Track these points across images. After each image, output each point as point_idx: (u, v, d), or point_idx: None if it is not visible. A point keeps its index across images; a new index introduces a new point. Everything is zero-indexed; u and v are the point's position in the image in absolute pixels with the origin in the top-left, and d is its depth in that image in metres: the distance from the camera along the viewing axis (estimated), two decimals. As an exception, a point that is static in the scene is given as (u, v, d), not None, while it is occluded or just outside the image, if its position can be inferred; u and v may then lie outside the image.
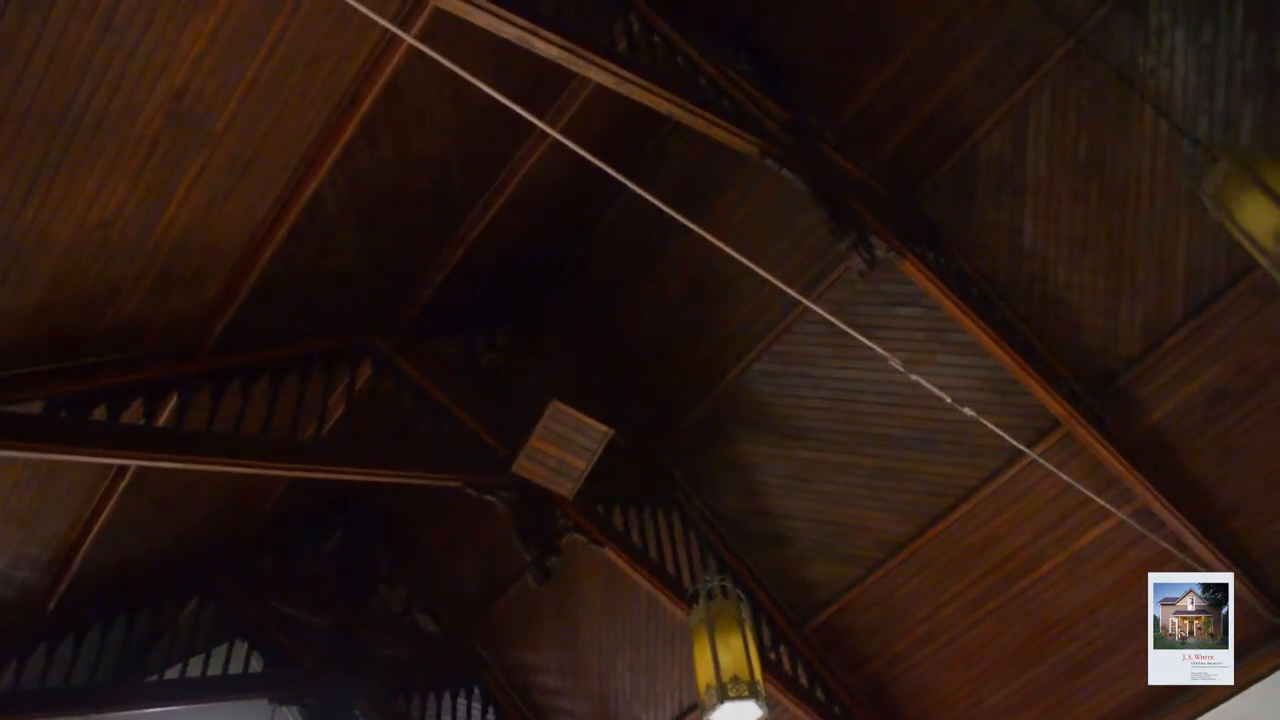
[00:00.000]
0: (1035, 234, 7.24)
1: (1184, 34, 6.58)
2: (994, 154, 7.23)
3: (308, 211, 5.82)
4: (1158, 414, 7.14)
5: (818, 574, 8.37)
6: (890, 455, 7.88)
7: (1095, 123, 6.92)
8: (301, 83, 5.13)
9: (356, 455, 6.71)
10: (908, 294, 7.37)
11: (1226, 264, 6.71)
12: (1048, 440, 7.19)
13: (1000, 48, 7.01)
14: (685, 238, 7.35)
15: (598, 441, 7.12)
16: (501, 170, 6.87)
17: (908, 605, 8.12)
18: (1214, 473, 7.08)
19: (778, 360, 8.10)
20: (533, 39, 4.68)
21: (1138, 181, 6.88)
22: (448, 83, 5.88)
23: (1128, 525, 6.52)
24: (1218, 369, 6.92)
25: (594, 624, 9.23)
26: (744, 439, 8.45)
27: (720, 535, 8.63)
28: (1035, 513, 7.51)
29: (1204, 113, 6.61)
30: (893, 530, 8.02)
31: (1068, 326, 7.27)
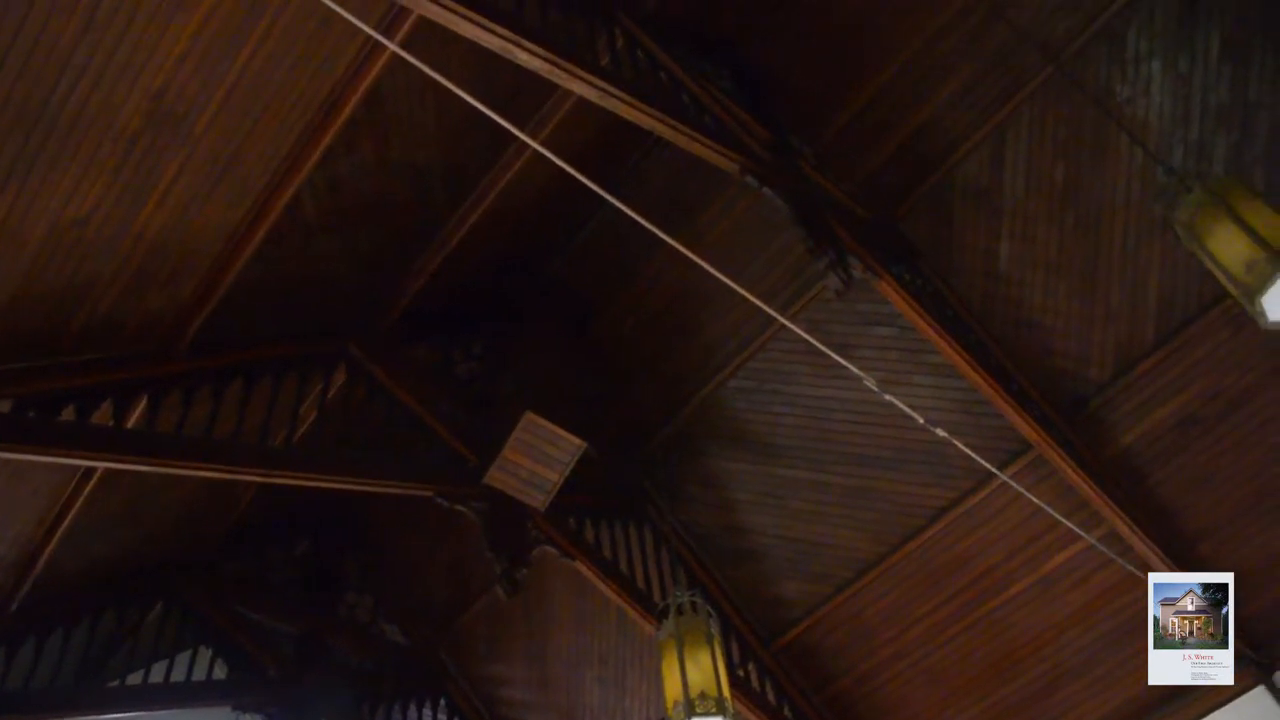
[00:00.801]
0: (1010, 257, 7.30)
1: (1161, 64, 6.68)
2: (971, 177, 7.30)
3: (286, 215, 5.79)
4: (1128, 438, 7.20)
5: (788, 591, 8.38)
6: (862, 474, 7.90)
7: (1072, 149, 7.00)
8: (283, 86, 5.11)
9: (327, 462, 6.67)
10: (883, 314, 7.41)
11: (1198, 292, 6.80)
12: (1019, 462, 7.23)
13: (980, 72, 7.09)
14: (664, 252, 7.36)
15: (571, 454, 7.11)
16: (482, 180, 6.86)
17: (877, 624, 8.13)
18: (1182, 498, 7.15)
19: (753, 377, 8.12)
20: (516, 50, 4.68)
21: (1112, 208, 6.96)
22: (430, 91, 5.88)
23: (1096, 548, 6.56)
24: (1187, 395, 7.00)
25: (563, 637, 9.18)
26: (717, 454, 8.45)
27: (691, 550, 8.62)
28: (1005, 534, 7.55)
29: (1179, 142, 6.70)
30: (863, 549, 8.04)
31: (1040, 350, 7.33)
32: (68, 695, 7.46)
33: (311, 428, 7.10)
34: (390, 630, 9.78)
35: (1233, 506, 7.04)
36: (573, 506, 7.70)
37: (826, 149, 7.46)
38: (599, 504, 8.14)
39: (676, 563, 8.30)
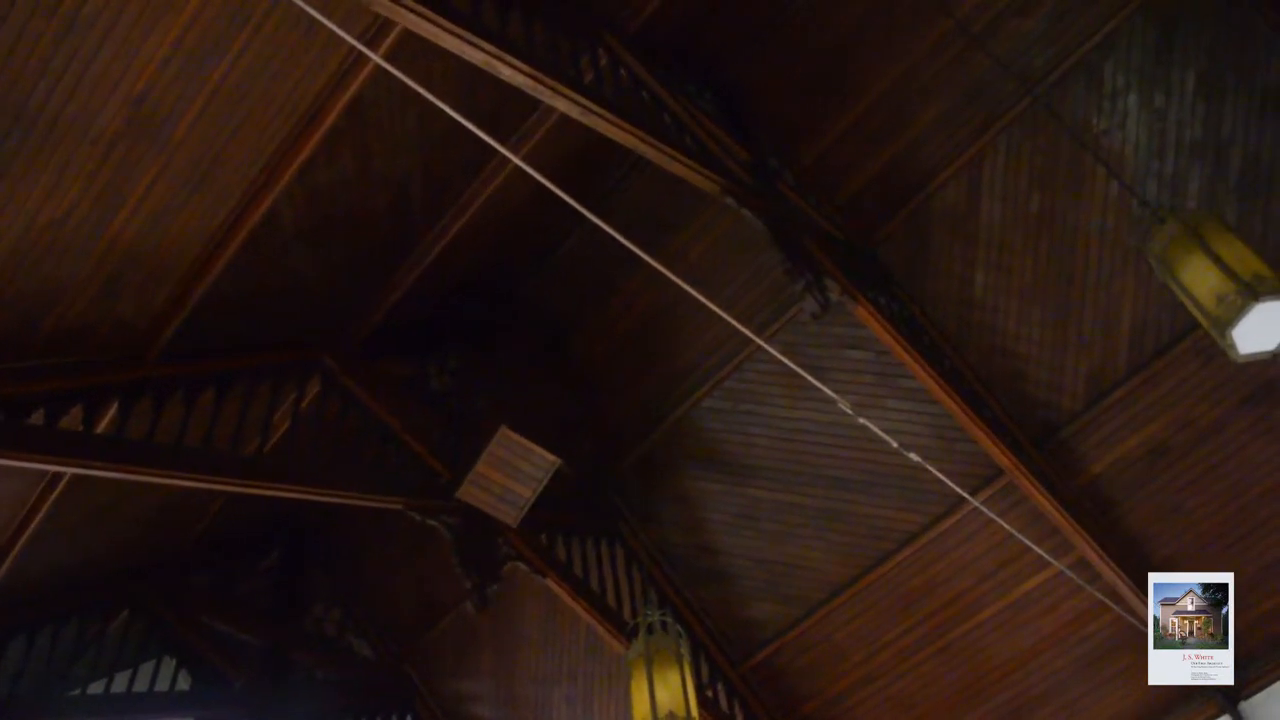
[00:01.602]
0: (986, 285, 7.36)
1: (1137, 98, 6.77)
2: (949, 204, 7.36)
3: (264, 224, 5.76)
4: (1098, 467, 7.26)
5: (758, 612, 8.37)
6: (835, 497, 7.92)
7: (1048, 179, 7.08)
8: (264, 95, 5.10)
9: (298, 473, 6.62)
10: (859, 338, 7.46)
11: (1170, 323, 6.87)
12: (990, 488, 7.27)
13: (959, 101, 7.16)
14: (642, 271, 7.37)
15: (545, 470, 7.08)
16: (462, 194, 6.85)
17: (847, 647, 8.13)
18: (1150, 528, 7.20)
19: (728, 397, 8.14)
20: (500, 65, 4.70)
21: (1087, 238, 7.03)
22: (412, 104, 5.87)
23: (1065, 575, 6.60)
24: (1158, 425, 7.06)
25: (532, 655, 9.13)
26: (691, 474, 8.45)
27: (663, 569, 8.61)
28: (976, 559, 7.58)
29: (1153, 175, 6.79)
30: (835, 571, 8.05)
31: (1014, 377, 7.38)
32: (29, 704, 7.34)
33: (283, 438, 7.05)
34: (357, 644, 9.71)
35: (1200, 537, 7.09)
36: (544, 523, 7.68)
37: (806, 172, 7.51)
38: (571, 521, 8.12)
39: (647, 582, 8.30)
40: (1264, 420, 6.82)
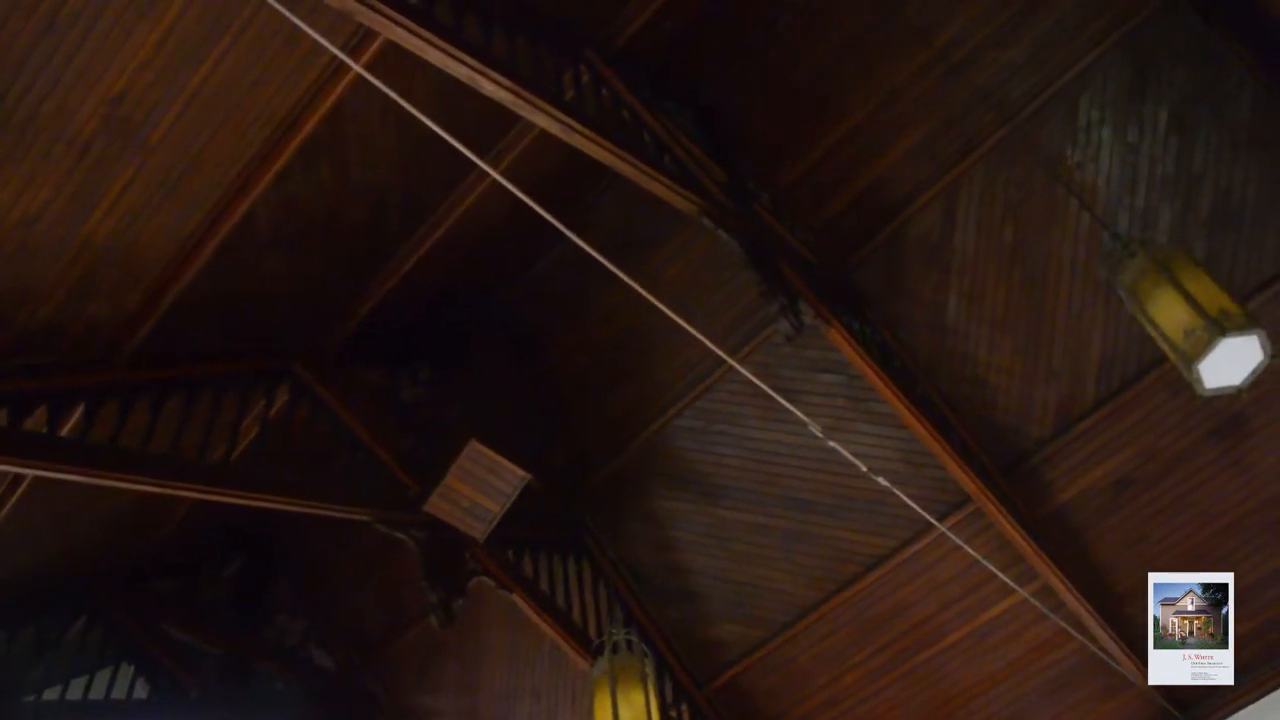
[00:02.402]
0: (958, 312, 7.42)
1: (1111, 132, 6.86)
2: (924, 231, 7.42)
3: (238, 230, 5.72)
4: (1064, 496, 7.31)
5: (724, 633, 8.36)
6: (804, 519, 7.93)
7: (1022, 209, 7.16)
8: (244, 100, 5.08)
9: (265, 481, 6.53)
10: (831, 361, 7.49)
11: (1138, 355, 6.95)
12: (958, 514, 7.30)
13: (937, 129, 7.24)
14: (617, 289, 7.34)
15: (514, 485, 7.05)
16: (439, 206, 6.83)
17: (812, 670, 8.14)
18: (1114, 557, 7.27)
19: (700, 417, 8.15)
20: (482, 80, 4.70)
21: (1059, 269, 7.11)
22: (392, 114, 5.86)
23: (1030, 603, 6.64)
24: (1124, 456, 7.13)
25: (496, 670, 9.08)
26: (661, 493, 8.45)
27: (630, 587, 8.59)
28: (942, 585, 7.61)
29: (1125, 208, 6.88)
30: (801, 594, 8.05)
31: (984, 404, 7.44)
32: (-20, 710, 7.24)
33: (251, 445, 6.99)
34: (319, 655, 9.61)
35: (1163, 568, 7.13)
36: (512, 538, 7.64)
37: (784, 195, 7.55)
38: (539, 537, 8.09)
39: (614, 599, 8.28)
40: (1229, 454, 6.91)
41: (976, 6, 6.95)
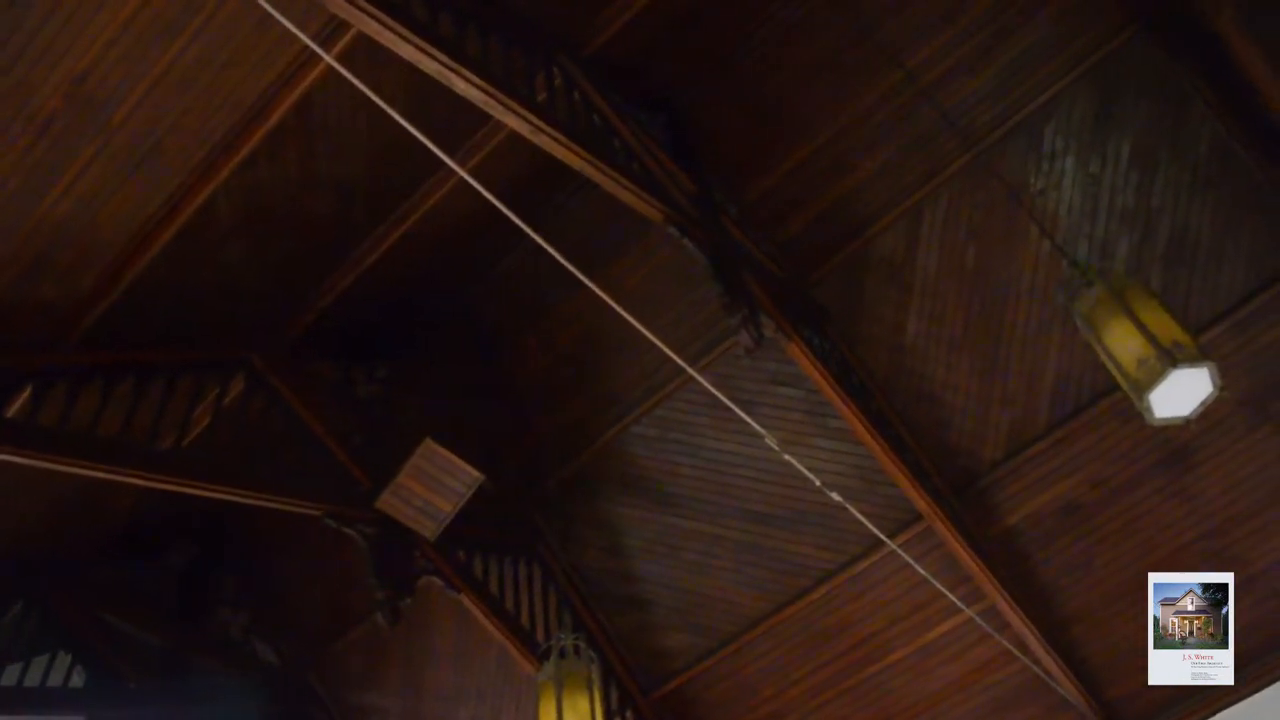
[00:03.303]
0: (917, 332, 7.48)
1: (1074, 162, 6.97)
2: (887, 251, 7.49)
3: (199, 216, 5.65)
4: (1014, 518, 7.40)
5: (672, 642, 8.36)
6: (756, 531, 7.96)
7: (984, 233, 7.24)
8: (211, 85, 5.02)
9: (215, 471, 6.44)
10: (790, 375, 7.52)
11: (1091, 383, 7.05)
12: (908, 532, 7.36)
13: (904, 151, 7.31)
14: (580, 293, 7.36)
15: (467, 485, 7.02)
16: (405, 202, 6.79)
17: (757, 681, 8.16)
18: (1060, 581, 7.36)
19: (657, 425, 8.15)
20: (453, 77, 4.67)
21: (1017, 294, 7.20)
22: (362, 107, 5.82)
23: (976, 623, 6.70)
24: (1073, 482, 7.23)
25: (441, 672, 9.01)
26: (614, 499, 8.44)
27: (579, 592, 8.57)
28: (889, 602, 7.66)
29: (1084, 237, 6.98)
30: (750, 605, 8.07)
31: (938, 424, 7.51)
32: (-90, 693, 7.08)
33: (202, 435, 6.89)
34: (262, 650, 9.49)
35: (1107, 593, 7.26)
36: (463, 539, 7.59)
37: (750, 208, 7.59)
38: (490, 538, 8.04)
39: (563, 604, 8.26)
40: (1174, 483, 7.02)
41: (947, 32, 7.02)
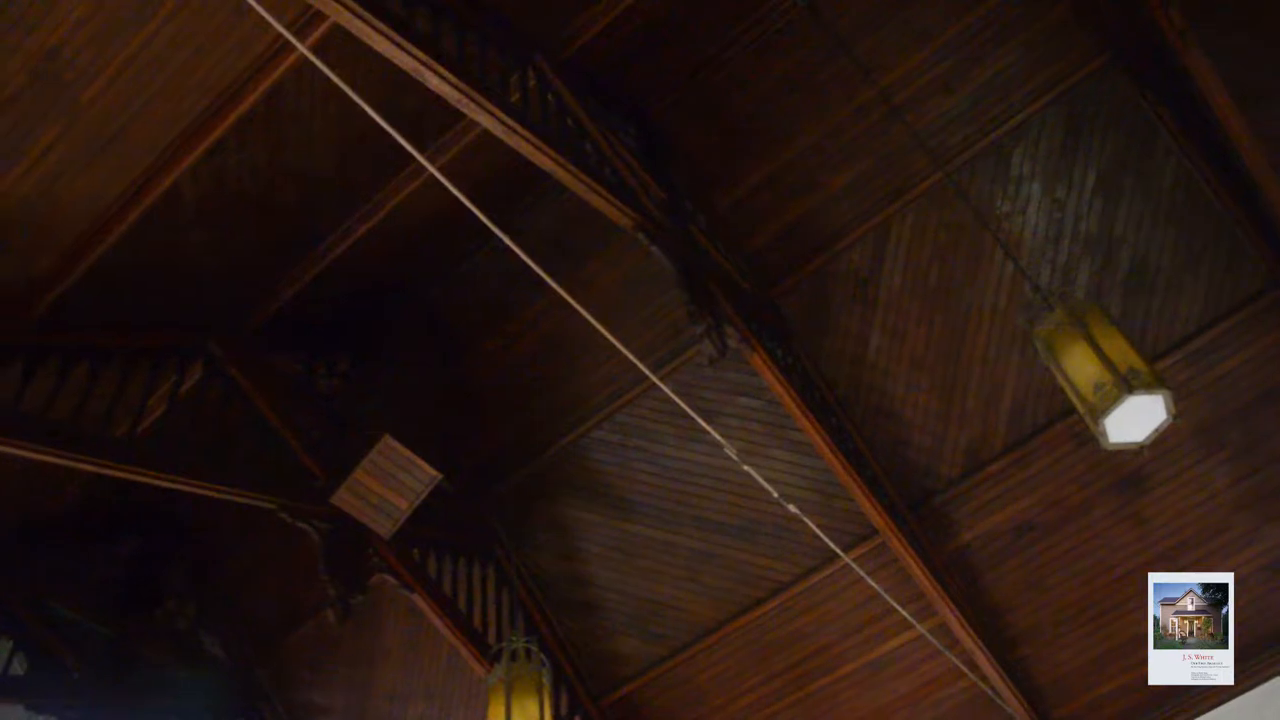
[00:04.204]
0: (880, 348, 7.54)
1: (1040, 187, 7.06)
2: (852, 267, 7.54)
3: (164, 201, 5.58)
4: (968, 536, 7.46)
5: (624, 647, 8.36)
6: (712, 540, 7.97)
7: (949, 254, 7.31)
8: (183, 69, 4.97)
9: (169, 460, 6.36)
10: (752, 386, 7.55)
11: (1048, 405, 7.14)
12: (863, 547, 7.41)
13: (874, 168, 7.36)
14: (546, 296, 7.38)
15: (424, 483, 6.99)
16: (373, 197, 6.75)
17: (708, 690, 8.17)
18: (1011, 600, 7.43)
19: (617, 430, 8.15)
20: (428, 73, 4.65)
21: (979, 315, 7.27)
22: (334, 100, 5.78)
23: (926, 639, 6.74)
24: (1027, 502, 7.31)
25: (390, 670, 8.95)
26: (572, 503, 8.42)
27: (533, 596, 8.54)
28: (842, 615, 7.71)
29: (1047, 261, 7.06)
30: (704, 614, 8.09)
31: (897, 441, 7.56)
32: None
33: (157, 422, 6.80)
34: (209, 642, 9.38)
35: (1057, 613, 7.34)
36: (418, 537, 7.55)
37: (719, 218, 7.61)
38: (446, 538, 8.00)
39: (516, 607, 8.22)
40: (1126, 507, 7.12)
41: (922, 53, 7.09)
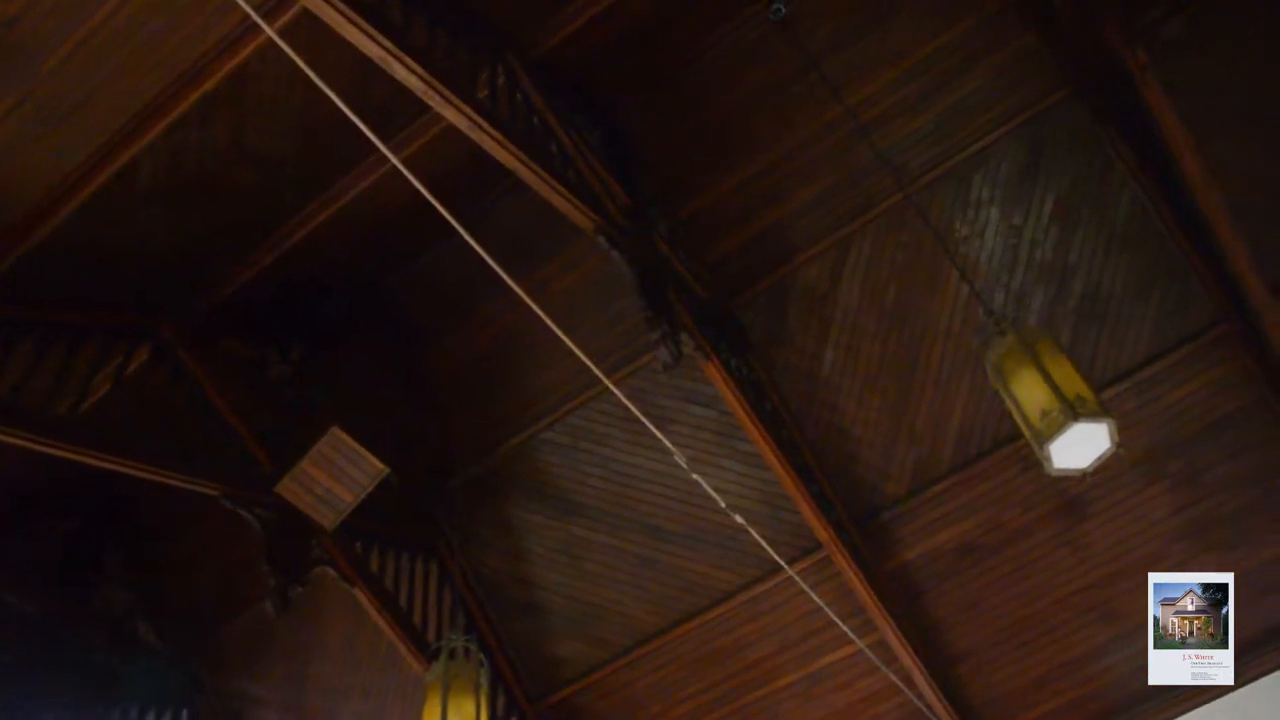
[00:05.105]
0: (834, 364, 7.59)
1: (999, 213, 7.15)
2: (811, 281, 7.58)
3: (120, 177, 5.51)
4: (911, 554, 7.53)
5: (564, 651, 8.33)
6: (658, 547, 7.98)
7: (906, 274, 7.38)
8: (147, 44, 4.90)
9: (110, 441, 6.25)
10: (705, 395, 7.57)
11: (995, 429, 7.22)
12: (807, 560, 7.44)
13: (837, 185, 7.42)
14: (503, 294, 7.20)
15: (371, 477, 6.93)
16: (334, 184, 6.69)
17: (646, 697, 8.16)
18: (950, 619, 7.51)
19: (569, 433, 8.13)
20: (395, 63, 4.62)
21: (933, 336, 7.35)
22: (299, 85, 5.72)
23: (865, 654, 6.79)
24: (970, 524, 7.39)
25: (327, 664, 8.85)
26: (519, 504, 8.39)
27: (475, 595, 8.48)
28: (783, 627, 7.74)
29: (1002, 286, 7.16)
30: (645, 620, 8.08)
31: (845, 456, 7.61)
32: None
33: (100, 402, 6.69)
34: (144, 628, 9.23)
35: (993, 634, 7.43)
36: (362, 531, 7.48)
37: (681, 226, 7.62)
38: (390, 533, 7.93)
39: (458, 605, 8.17)
40: (1067, 533, 7.22)
41: (891, 74, 7.16)
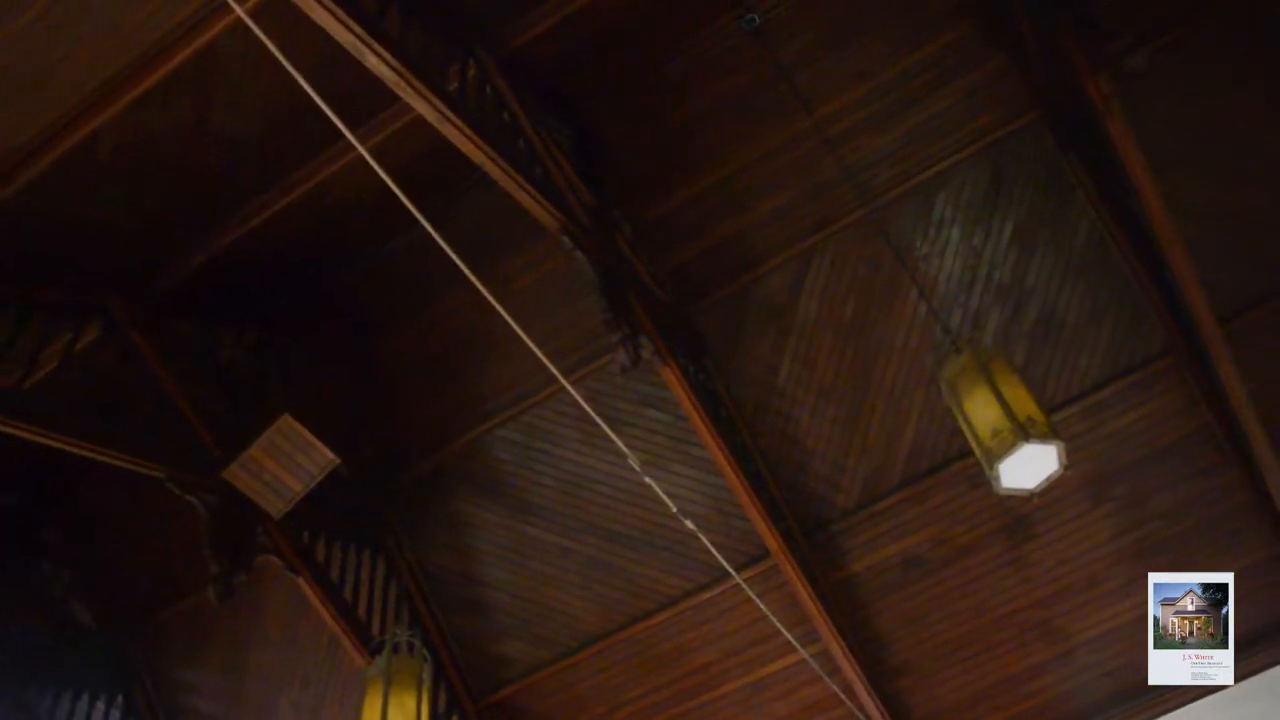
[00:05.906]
0: (789, 375, 7.63)
1: (959, 232, 7.23)
2: (771, 292, 7.62)
3: (79, 150, 5.41)
4: (857, 566, 7.58)
5: (509, 650, 8.30)
6: (607, 548, 7.97)
7: (865, 289, 7.45)
8: (111, 19, 4.83)
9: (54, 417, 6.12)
10: (660, 399, 7.59)
11: (946, 446, 7.30)
12: (755, 568, 7.47)
13: (801, 197, 7.47)
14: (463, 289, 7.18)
15: (321, 467, 6.86)
16: (298, 170, 6.63)
17: (588, 698, 8.15)
18: (894, 632, 7.57)
19: (523, 431, 8.11)
20: (366, 51, 4.58)
21: (889, 352, 7.41)
22: (266, 68, 5.67)
23: (808, 664, 6.83)
24: (917, 538, 7.46)
25: (267, 653, 8.75)
26: (469, 500, 8.35)
27: (421, 590, 8.42)
28: (728, 634, 7.76)
29: (959, 306, 7.24)
30: (591, 622, 8.07)
31: (797, 466, 7.65)
32: None
33: (47, 378, 6.57)
34: (80, 610, 9.07)
35: (937, 648, 7.50)
36: (309, 521, 7.40)
37: (645, 229, 7.64)
38: (337, 524, 7.86)
39: (403, 600, 8.12)
40: (1012, 551, 7.31)
41: (861, 89, 7.23)
